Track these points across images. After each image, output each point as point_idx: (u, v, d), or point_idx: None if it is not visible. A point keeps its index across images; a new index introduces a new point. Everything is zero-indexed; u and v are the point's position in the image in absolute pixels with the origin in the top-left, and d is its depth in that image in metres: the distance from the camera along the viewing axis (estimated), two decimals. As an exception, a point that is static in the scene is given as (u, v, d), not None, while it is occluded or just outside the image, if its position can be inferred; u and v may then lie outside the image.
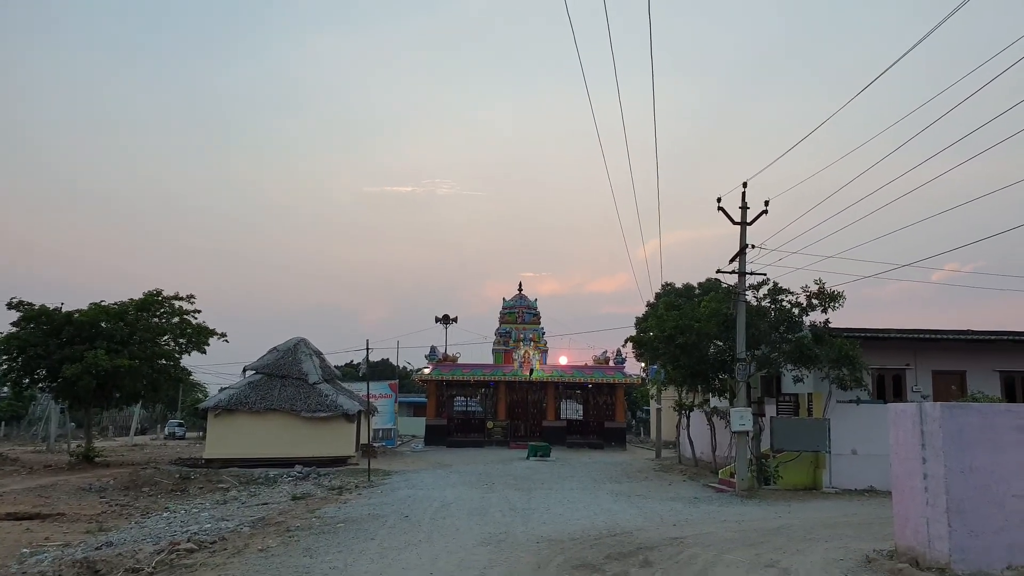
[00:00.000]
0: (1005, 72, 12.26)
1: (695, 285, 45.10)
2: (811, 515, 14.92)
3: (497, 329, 44.32)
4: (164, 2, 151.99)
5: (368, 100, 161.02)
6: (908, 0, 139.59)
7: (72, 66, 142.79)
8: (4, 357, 29.12)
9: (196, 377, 56.10)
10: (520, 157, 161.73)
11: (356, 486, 20.97)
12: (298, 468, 25.91)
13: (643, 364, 41.84)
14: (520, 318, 43.94)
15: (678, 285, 47.49)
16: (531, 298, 45.35)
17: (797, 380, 20.39)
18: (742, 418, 18.73)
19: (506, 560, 10.34)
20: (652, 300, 43.99)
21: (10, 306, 29.54)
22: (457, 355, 43.29)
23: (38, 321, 29.30)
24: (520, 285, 46.17)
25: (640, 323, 39.13)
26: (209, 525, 14.21)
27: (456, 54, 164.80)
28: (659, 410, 36.14)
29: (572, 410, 44.38)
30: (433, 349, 42.71)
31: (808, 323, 20.29)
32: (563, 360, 44.44)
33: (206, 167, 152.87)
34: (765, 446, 20.66)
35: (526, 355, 41.23)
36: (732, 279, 20.88)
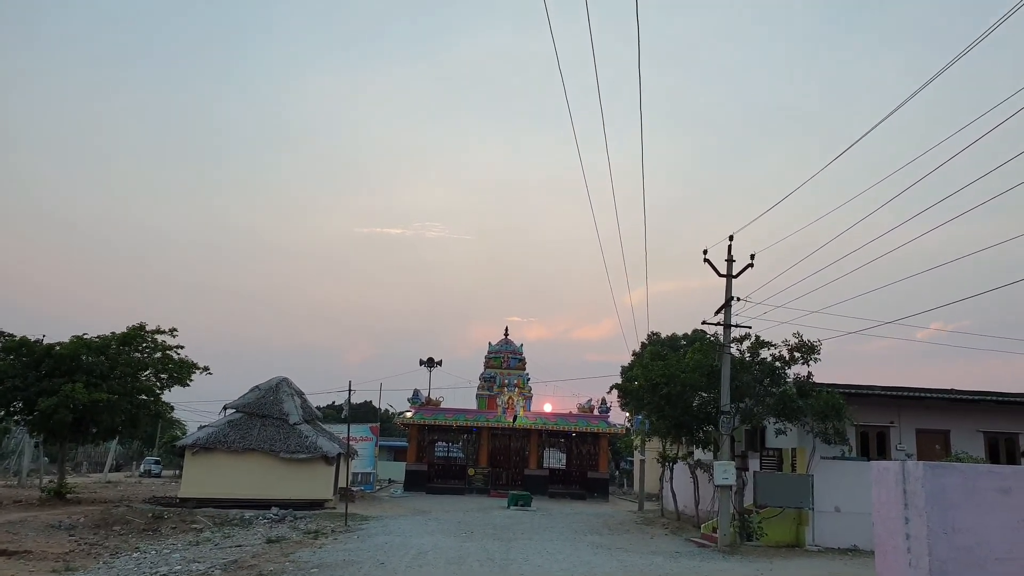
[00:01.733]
0: (988, 133, 12.53)
1: (680, 336, 45.29)
2: (793, 573, 14.76)
3: (482, 374, 44.08)
4: (155, 35, 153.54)
5: (360, 141, 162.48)
6: (897, 61, 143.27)
7: (59, 92, 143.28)
8: None
9: (176, 414, 55.43)
10: (510, 203, 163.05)
11: (332, 530, 20.59)
12: (274, 510, 25.43)
13: (628, 414, 41.68)
14: (505, 363, 43.77)
15: (664, 335, 47.68)
16: (517, 343, 45.26)
17: (780, 433, 20.32)
18: (725, 472, 18.59)
19: (482, 612, 10.11)
20: (638, 349, 44.08)
21: (-11, 336, 29.15)
22: (440, 399, 42.93)
23: (18, 352, 28.90)
24: (506, 330, 46.15)
25: (626, 372, 39.13)
26: (179, 567, 13.88)
27: (448, 99, 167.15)
28: (643, 461, 35.84)
29: (555, 459, 43.99)
30: (416, 392, 42.37)
31: (792, 376, 20.32)
32: (547, 407, 44.18)
33: (194, 202, 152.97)
34: (748, 501, 20.49)
35: (510, 401, 40.99)
36: (718, 330, 20.94)
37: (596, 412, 41.76)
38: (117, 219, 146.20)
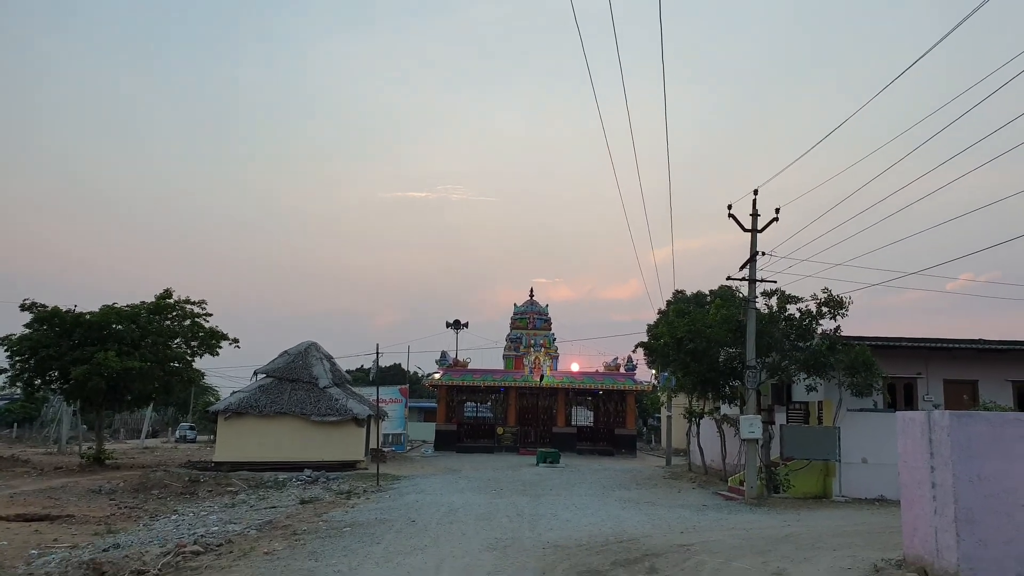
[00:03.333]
0: (1018, 76, 12.16)
1: (707, 293, 44.98)
2: (820, 523, 14.80)
3: (508, 335, 44.30)
4: (180, 5, 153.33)
5: (383, 106, 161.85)
6: (925, 9, 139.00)
7: (87, 67, 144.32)
8: (17, 359, 29.27)
9: (208, 380, 56.42)
10: (533, 163, 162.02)
11: (364, 490, 20.98)
12: (307, 472, 25.95)
13: (654, 371, 41.74)
14: (531, 324, 43.92)
15: (689, 293, 47.41)
16: (542, 304, 45.35)
17: (811, 389, 20.23)
18: (752, 426, 18.61)
19: (511, 565, 10.31)
20: (663, 308, 43.93)
21: (23, 308, 29.70)
22: (468, 360, 43.28)
23: (51, 323, 29.46)
24: (531, 291, 46.19)
25: (651, 329, 39.05)
26: (216, 528, 14.26)
27: (470, 61, 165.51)
28: (669, 417, 35.97)
29: (582, 416, 44.31)
30: (444, 354, 42.74)
31: (820, 331, 20.18)
32: (574, 367, 44.36)
33: (220, 171, 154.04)
34: (775, 454, 20.54)
35: (537, 361, 41.19)
36: (743, 287, 20.81)
37: (623, 370, 41.87)
38: (147, 192, 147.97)
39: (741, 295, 21.95)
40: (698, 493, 20.97)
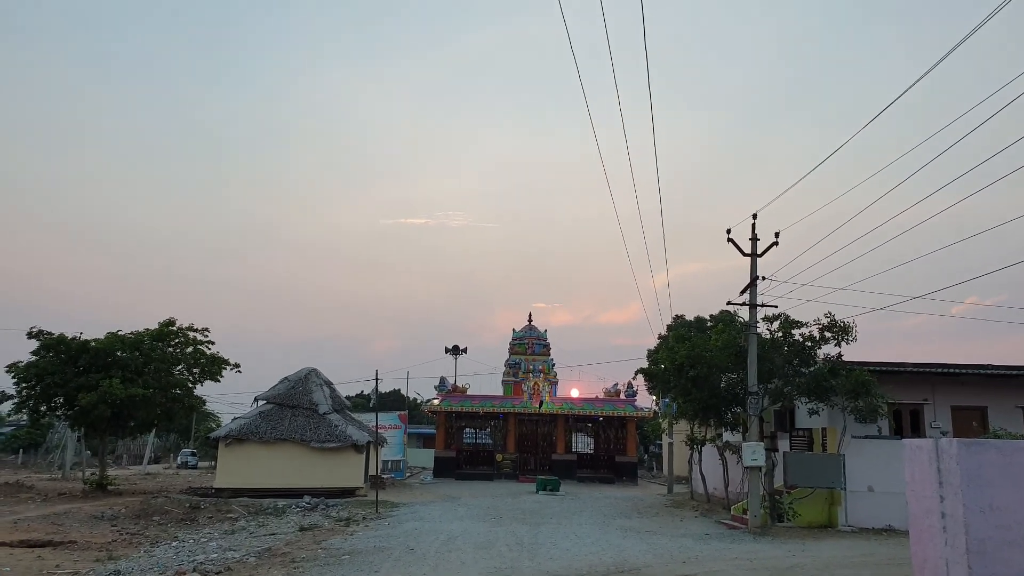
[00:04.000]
0: (1013, 102, 12.21)
1: (707, 317, 44.84)
2: (826, 554, 14.59)
3: (507, 360, 44.11)
4: (174, 29, 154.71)
5: (379, 133, 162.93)
6: (923, 37, 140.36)
7: (75, 88, 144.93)
8: (23, 385, 29.38)
9: (209, 406, 56.27)
10: (531, 189, 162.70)
11: (364, 518, 20.79)
12: (307, 499, 25.75)
13: (655, 397, 41.54)
14: (530, 349, 43.76)
15: (689, 317, 47.30)
16: (541, 329, 45.23)
17: (813, 413, 20.10)
18: (754, 453, 18.43)
19: (513, 596, 10.16)
20: (663, 332, 43.83)
21: (30, 335, 29.98)
22: (467, 386, 43.09)
23: (56, 350, 29.60)
24: (530, 316, 46.08)
25: (651, 355, 38.95)
26: (216, 555, 14.10)
27: (467, 87, 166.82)
28: (671, 444, 35.71)
29: (582, 443, 44.01)
30: (443, 380, 42.57)
31: (822, 356, 20.07)
32: (574, 392, 44.14)
33: (216, 198, 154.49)
34: (778, 482, 20.32)
35: (536, 386, 41.01)
36: (743, 311, 20.75)
37: (623, 396, 41.66)
38: (141, 222, 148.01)
39: (741, 320, 21.87)
40: (700, 522, 20.74)
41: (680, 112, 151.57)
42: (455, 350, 54.85)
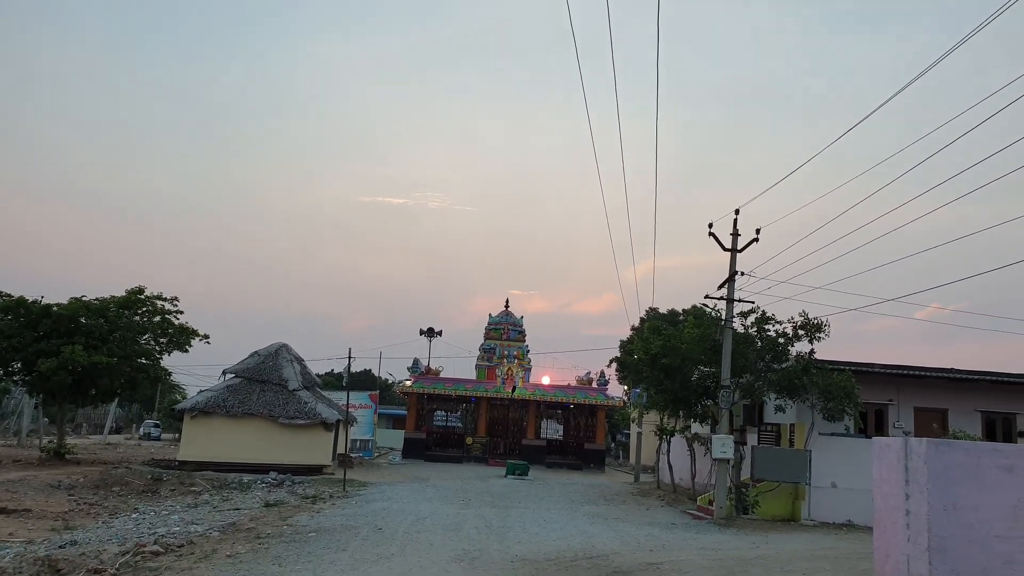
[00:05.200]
0: (994, 115, 12.34)
1: (680, 311, 45.12)
2: (789, 547, 14.78)
3: (481, 345, 44.04)
4: (164, 4, 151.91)
5: (365, 110, 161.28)
6: (906, 44, 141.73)
7: (70, 61, 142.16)
8: None
9: (176, 378, 55.56)
10: (513, 174, 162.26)
11: (330, 496, 20.68)
12: (273, 475, 25.56)
13: (625, 387, 41.77)
14: (505, 335, 43.71)
15: (663, 310, 47.57)
16: (517, 315, 45.18)
17: (779, 410, 20.33)
18: (723, 445, 18.59)
19: (479, 578, 10.14)
20: (636, 324, 44.00)
21: (-13, 296, 29.14)
22: (440, 369, 43.00)
23: (15, 312, 28.89)
24: (507, 302, 46.01)
25: (624, 346, 39.13)
26: (178, 528, 13.93)
27: (453, 68, 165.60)
28: (639, 434, 35.95)
29: (552, 430, 44.12)
30: (416, 361, 42.41)
31: (794, 353, 20.26)
32: (546, 380, 44.22)
33: (198, 168, 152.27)
34: (745, 475, 20.54)
35: (509, 372, 41.01)
36: (721, 306, 20.85)
37: (595, 385, 41.84)
38: (121, 183, 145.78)
39: (717, 312, 21.96)
40: (667, 511, 20.92)
41: (664, 106, 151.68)
42: (430, 332, 54.66)
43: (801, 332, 20.07)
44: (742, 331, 20.58)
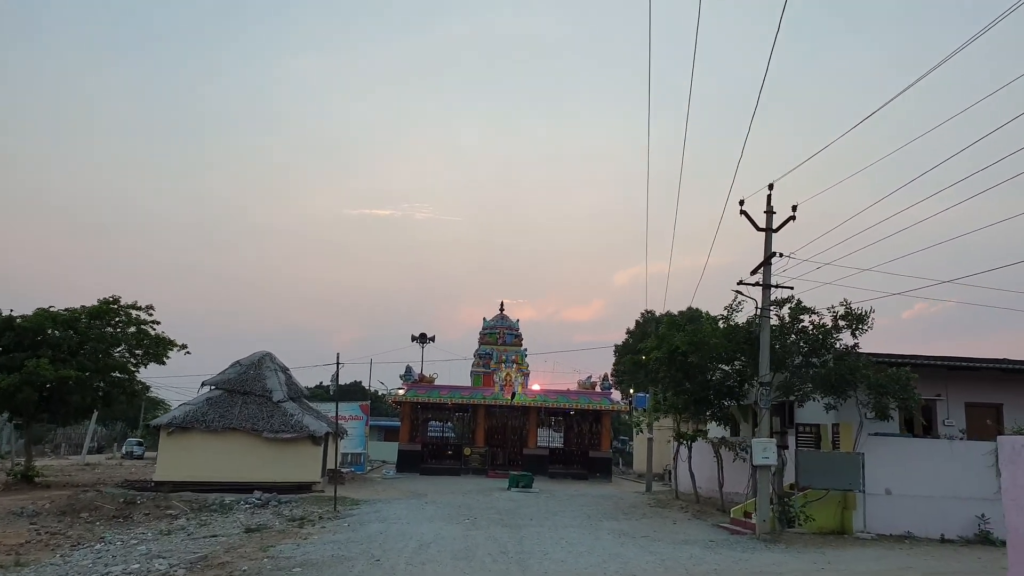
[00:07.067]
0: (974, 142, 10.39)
1: (675, 313, 43.21)
2: (857, 567, 12.70)
3: (476, 350, 41.80)
4: (148, 14, 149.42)
5: (349, 122, 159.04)
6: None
7: (49, 67, 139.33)
8: None
9: (158, 393, 53.09)
10: (499, 184, 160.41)
11: (320, 517, 18.51)
12: (257, 494, 23.31)
13: (631, 390, 39.78)
14: (501, 339, 41.51)
15: (658, 313, 45.71)
16: (512, 319, 43.06)
17: (830, 407, 18.17)
18: (766, 451, 16.42)
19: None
20: (632, 328, 42.10)
21: (-55, 307, 26.88)
22: (435, 376, 40.68)
23: (-25, 325, 26.63)
24: (502, 305, 43.76)
25: (619, 350, 37.19)
26: (138, 565, 11.76)
27: (437, 79, 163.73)
28: (650, 440, 33.81)
29: (554, 438, 41.92)
30: (409, 369, 40.18)
31: (839, 346, 18.18)
32: (535, 388, 41.97)
33: (182, 183, 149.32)
34: (787, 482, 18.42)
35: (508, 377, 38.83)
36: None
37: (598, 389, 39.77)
38: (102, 199, 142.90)
39: (739, 304, 19.89)
40: (697, 525, 18.77)
41: (656, 111, 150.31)
42: (422, 338, 52.44)
43: (842, 323, 18.03)
44: (776, 323, 18.49)
